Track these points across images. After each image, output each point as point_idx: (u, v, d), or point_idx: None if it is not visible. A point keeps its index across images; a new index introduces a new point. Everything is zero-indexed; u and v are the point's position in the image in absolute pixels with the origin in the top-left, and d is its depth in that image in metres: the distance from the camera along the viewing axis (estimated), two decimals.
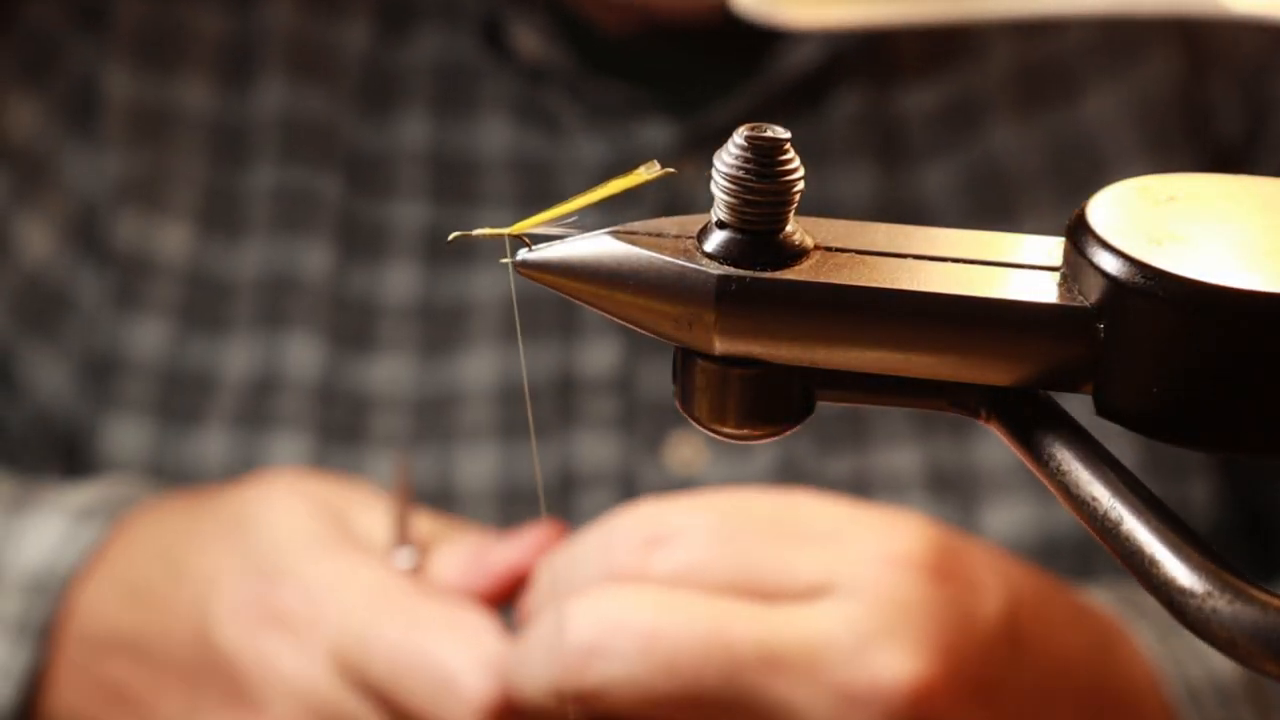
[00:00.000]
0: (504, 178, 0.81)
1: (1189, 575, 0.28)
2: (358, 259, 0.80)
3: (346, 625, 0.59)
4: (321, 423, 0.78)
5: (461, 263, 0.80)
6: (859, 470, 0.76)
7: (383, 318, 0.80)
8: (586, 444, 0.78)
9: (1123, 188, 0.31)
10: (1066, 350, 0.29)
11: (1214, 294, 0.28)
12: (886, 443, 0.76)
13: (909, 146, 0.80)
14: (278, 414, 0.78)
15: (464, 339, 0.79)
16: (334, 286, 0.79)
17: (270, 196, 0.81)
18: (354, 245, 0.80)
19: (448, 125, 0.82)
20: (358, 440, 0.78)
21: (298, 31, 0.82)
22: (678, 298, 0.30)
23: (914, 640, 0.55)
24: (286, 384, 0.78)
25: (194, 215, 0.81)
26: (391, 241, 0.81)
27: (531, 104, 0.81)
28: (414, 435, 0.78)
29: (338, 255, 0.80)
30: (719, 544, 0.57)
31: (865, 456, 0.76)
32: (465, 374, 0.79)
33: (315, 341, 0.79)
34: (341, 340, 0.79)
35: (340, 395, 0.78)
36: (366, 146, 0.82)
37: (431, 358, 0.79)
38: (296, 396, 0.78)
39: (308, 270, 0.80)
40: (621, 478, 0.77)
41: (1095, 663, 0.63)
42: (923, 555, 0.57)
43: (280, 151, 0.81)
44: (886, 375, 0.30)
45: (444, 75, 0.83)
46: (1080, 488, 0.29)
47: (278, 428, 0.78)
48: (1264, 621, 0.27)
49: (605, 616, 0.55)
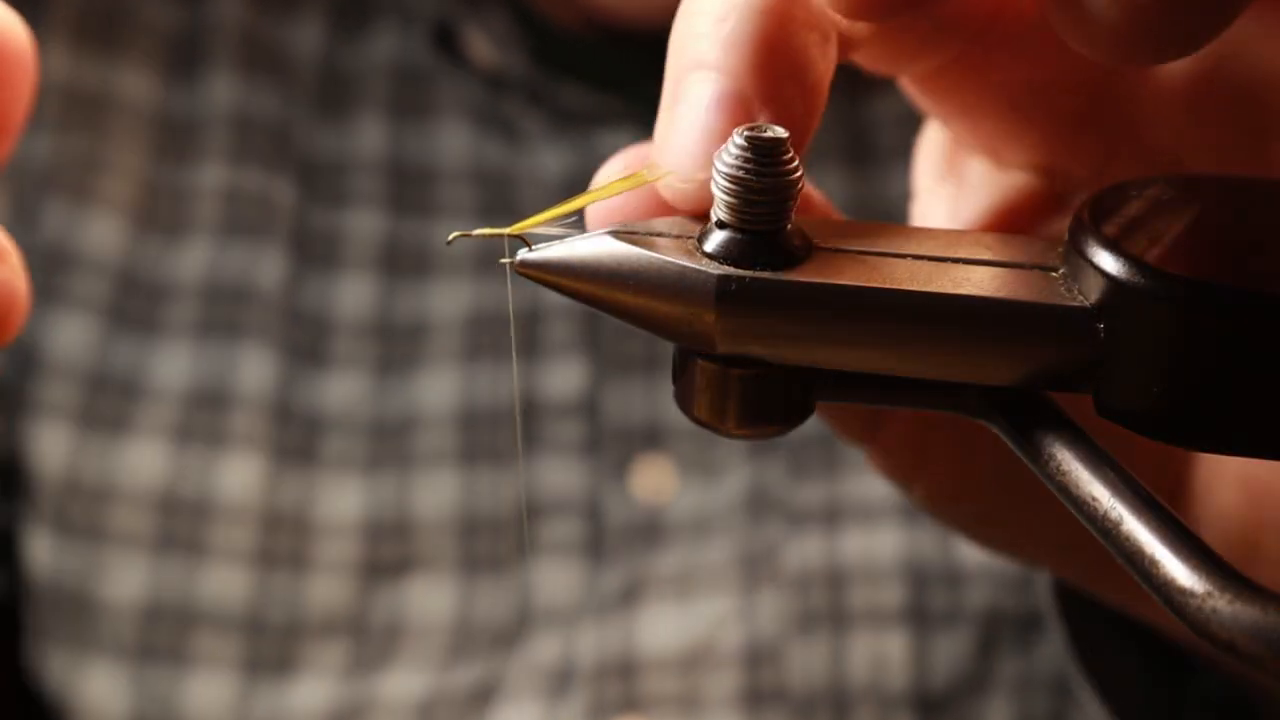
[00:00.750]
0: (463, 188, 0.79)
1: (1189, 575, 0.28)
2: (311, 269, 0.78)
3: None
4: (275, 443, 0.76)
5: (419, 278, 0.78)
6: (831, 498, 0.75)
7: (336, 333, 0.77)
8: (550, 469, 0.76)
9: (1123, 187, 0.31)
10: (1066, 350, 0.29)
11: (1214, 294, 0.28)
12: (860, 470, 0.76)
13: (878, 149, 0.80)
14: (227, 430, 0.75)
15: (422, 358, 0.77)
16: (287, 297, 0.77)
17: (219, 197, 0.78)
18: (308, 254, 0.78)
19: (405, 131, 0.80)
20: (310, 463, 0.76)
21: (249, 28, 0.80)
22: (678, 298, 0.30)
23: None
24: (237, 399, 0.76)
25: (129, 209, 0.78)
26: (346, 252, 0.78)
27: (490, 110, 0.79)
28: (369, 460, 0.76)
29: (291, 264, 0.77)
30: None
31: (838, 484, 0.76)
32: (423, 396, 0.77)
33: (268, 355, 0.76)
34: (296, 355, 0.77)
35: (293, 414, 0.76)
36: (320, 151, 0.79)
37: (388, 377, 0.77)
38: (248, 413, 0.75)
39: (261, 279, 0.77)
40: (585, 505, 0.76)
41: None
42: None
43: (231, 151, 0.78)
44: (886, 375, 0.30)
45: (400, 78, 0.81)
46: (1080, 488, 0.29)
47: (227, 445, 0.75)
48: (1264, 621, 0.27)
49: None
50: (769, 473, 0.76)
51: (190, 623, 0.75)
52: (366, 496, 0.76)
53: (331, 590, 0.75)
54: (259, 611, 0.75)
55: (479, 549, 0.75)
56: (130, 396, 0.76)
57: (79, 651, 0.76)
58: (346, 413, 0.77)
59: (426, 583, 0.75)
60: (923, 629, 0.73)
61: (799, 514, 0.75)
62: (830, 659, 0.72)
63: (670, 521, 0.76)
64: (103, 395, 0.76)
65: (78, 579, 0.76)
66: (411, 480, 0.76)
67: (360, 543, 0.75)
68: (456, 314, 0.78)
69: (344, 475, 0.76)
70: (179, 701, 0.74)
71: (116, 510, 0.75)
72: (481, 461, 0.77)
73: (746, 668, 0.73)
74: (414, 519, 0.76)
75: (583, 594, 0.75)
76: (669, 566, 0.75)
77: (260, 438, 0.76)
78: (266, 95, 0.80)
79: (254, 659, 0.74)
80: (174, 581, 0.75)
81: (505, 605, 0.75)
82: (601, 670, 0.73)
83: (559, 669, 0.74)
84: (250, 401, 0.76)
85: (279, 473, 0.75)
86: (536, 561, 0.76)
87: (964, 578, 0.73)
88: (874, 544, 0.74)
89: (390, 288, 0.79)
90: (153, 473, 0.75)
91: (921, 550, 0.73)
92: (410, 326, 0.78)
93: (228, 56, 0.80)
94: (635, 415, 0.77)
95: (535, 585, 0.75)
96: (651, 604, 0.74)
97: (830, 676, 0.72)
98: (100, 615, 0.75)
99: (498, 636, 0.75)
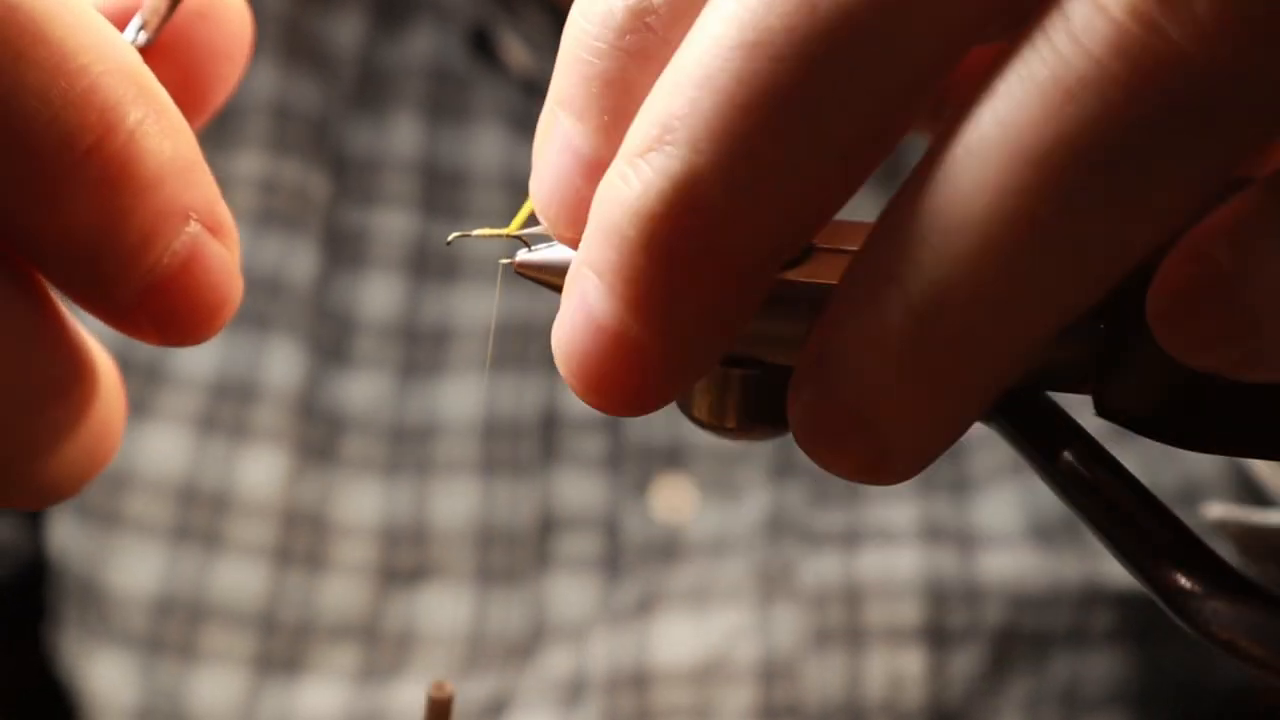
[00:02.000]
0: (495, 192, 0.79)
1: (1189, 575, 0.28)
2: (340, 266, 0.77)
3: None
4: (299, 439, 0.75)
5: (446, 281, 0.78)
6: (851, 523, 0.75)
7: (361, 332, 0.77)
8: (569, 483, 0.76)
9: None
10: (1066, 350, 0.29)
11: None
12: (881, 498, 0.75)
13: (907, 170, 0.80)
14: (252, 423, 0.75)
15: (445, 364, 0.77)
16: (317, 292, 0.77)
17: (256, 185, 0.78)
18: (337, 251, 0.78)
19: (439, 133, 0.80)
20: (331, 462, 0.76)
21: (291, 18, 0.80)
22: None
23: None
24: (263, 391, 0.75)
25: None
26: (374, 251, 0.78)
27: (526, 115, 0.79)
28: (388, 463, 0.76)
29: (322, 259, 0.77)
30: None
31: (858, 510, 0.75)
32: (445, 402, 0.77)
33: (296, 349, 0.76)
34: (321, 352, 0.77)
35: (317, 411, 0.76)
36: (355, 147, 0.79)
37: (410, 381, 0.77)
38: (274, 407, 0.75)
39: (293, 272, 0.77)
40: (604, 521, 0.76)
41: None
42: None
43: (269, 140, 0.78)
44: None
45: (436, 79, 0.80)
46: (1080, 488, 0.29)
47: (251, 438, 0.75)
48: (1264, 621, 0.27)
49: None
50: (789, 496, 0.76)
51: (202, 616, 0.75)
52: (384, 500, 0.76)
53: (346, 593, 0.75)
54: (272, 609, 0.75)
55: (495, 560, 0.75)
56: (154, 381, 0.76)
57: (88, 638, 0.76)
58: (368, 414, 0.77)
59: (442, 591, 0.75)
60: (939, 646, 0.72)
61: (818, 536, 0.75)
62: (846, 675, 0.72)
63: (688, 541, 0.76)
64: (126, 377, 0.77)
65: (90, 564, 0.76)
66: (430, 487, 0.76)
67: (377, 547, 0.75)
68: (481, 321, 0.78)
69: (363, 477, 0.76)
70: (186, 695, 0.74)
71: (134, 497, 0.75)
72: (501, 472, 0.77)
73: (761, 682, 0.72)
74: (431, 526, 0.76)
75: (598, 608, 0.75)
76: (685, 581, 0.75)
77: (284, 433, 0.76)
78: (305, 86, 0.80)
79: (264, 657, 0.74)
80: (188, 573, 0.75)
81: (520, 618, 0.75)
82: (615, 682, 0.73)
83: (572, 681, 0.73)
84: (276, 395, 0.76)
85: (301, 470, 0.75)
86: (553, 575, 0.76)
87: (981, 595, 0.73)
88: (892, 561, 0.73)
89: (417, 290, 0.79)
90: (173, 461, 0.75)
91: (940, 568, 0.73)
92: (435, 331, 0.78)
93: (269, 45, 0.80)
94: (657, 434, 0.77)
95: (551, 599, 0.75)
96: (666, 616, 0.74)
97: (845, 692, 0.72)
98: (111, 603, 0.75)
99: (512, 649, 0.74)
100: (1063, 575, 0.73)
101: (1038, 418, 0.30)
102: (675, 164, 0.24)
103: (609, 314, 0.25)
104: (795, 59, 0.24)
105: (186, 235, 0.28)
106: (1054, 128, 0.22)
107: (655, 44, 0.27)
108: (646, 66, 0.27)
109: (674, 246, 0.25)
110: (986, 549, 0.75)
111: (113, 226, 0.27)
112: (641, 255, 0.25)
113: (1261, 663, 0.27)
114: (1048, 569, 0.74)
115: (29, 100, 0.26)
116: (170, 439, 0.76)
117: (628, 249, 0.25)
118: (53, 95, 0.26)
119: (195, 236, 0.29)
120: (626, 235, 0.25)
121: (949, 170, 0.24)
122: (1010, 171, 0.23)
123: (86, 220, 0.27)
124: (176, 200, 0.28)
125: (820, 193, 0.25)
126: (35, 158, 0.26)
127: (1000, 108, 0.23)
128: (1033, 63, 0.23)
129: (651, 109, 0.25)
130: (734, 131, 0.24)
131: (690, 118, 0.24)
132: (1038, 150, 0.23)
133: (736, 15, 0.24)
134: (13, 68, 0.26)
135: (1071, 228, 0.23)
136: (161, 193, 0.28)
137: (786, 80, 0.24)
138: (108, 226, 0.27)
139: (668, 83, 0.25)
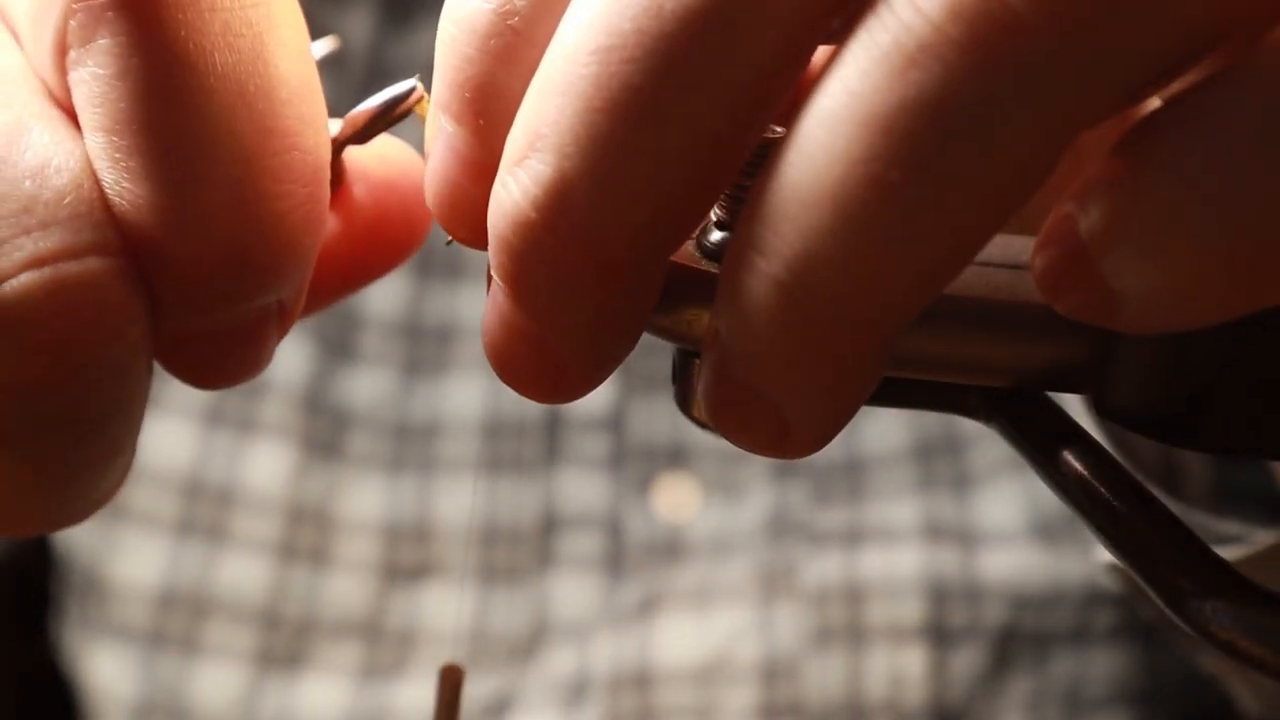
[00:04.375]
0: None
1: (1189, 575, 0.28)
2: None
3: None
4: (305, 434, 0.75)
5: (450, 279, 0.78)
6: (853, 522, 0.75)
7: (366, 329, 0.77)
8: (572, 483, 0.76)
9: None
10: (1066, 350, 0.29)
11: None
12: (883, 496, 0.75)
13: None
14: (259, 417, 0.75)
15: (449, 362, 0.77)
16: None
17: None
18: None
19: None
20: (336, 458, 0.76)
21: (305, 13, 0.81)
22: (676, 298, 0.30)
23: None
24: (271, 386, 0.75)
25: None
26: None
27: None
28: (392, 461, 0.76)
29: None
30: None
31: (860, 509, 0.75)
32: (449, 400, 0.77)
33: (304, 343, 0.76)
34: (327, 347, 0.77)
35: (323, 406, 0.76)
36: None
37: (414, 379, 0.77)
38: (281, 401, 0.75)
39: None
40: (607, 520, 0.76)
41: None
42: None
43: None
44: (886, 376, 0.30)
45: None
46: (1080, 488, 0.29)
47: (258, 432, 0.75)
48: (1264, 621, 0.27)
49: None
50: (791, 495, 0.76)
51: (205, 610, 0.75)
52: (388, 497, 0.76)
53: (349, 589, 0.75)
54: (275, 604, 0.75)
55: (497, 559, 0.75)
56: (161, 375, 0.76)
57: (90, 630, 0.76)
58: (372, 411, 0.77)
59: (444, 590, 0.75)
60: (941, 645, 0.72)
61: (820, 535, 0.75)
62: (847, 674, 0.72)
63: (690, 540, 0.76)
64: None
65: (94, 556, 0.76)
66: (433, 485, 0.76)
67: (380, 544, 0.75)
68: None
69: (367, 474, 0.76)
70: (188, 689, 0.74)
71: (139, 490, 0.75)
72: (504, 471, 0.77)
73: (763, 681, 0.72)
74: (434, 524, 0.76)
75: (600, 608, 0.75)
76: (687, 581, 0.75)
77: (291, 427, 0.76)
78: (321, 81, 0.80)
79: (266, 652, 0.74)
80: (192, 567, 0.75)
81: (522, 617, 0.75)
82: (617, 681, 0.73)
83: (574, 680, 0.73)
84: (282, 391, 0.76)
85: (306, 465, 0.76)
86: (555, 574, 0.76)
87: (983, 594, 0.73)
88: (894, 560, 0.73)
89: (421, 288, 0.79)
90: (179, 455, 0.75)
91: (941, 567, 0.73)
92: (439, 329, 0.78)
93: None
94: (660, 433, 0.77)
95: (553, 598, 0.75)
96: (668, 616, 0.74)
97: (847, 691, 0.72)
98: (114, 595, 0.75)
99: (514, 648, 0.75)
100: (1064, 574, 0.73)
101: (1038, 418, 0.30)
102: (546, 170, 0.26)
103: (513, 315, 0.28)
104: (646, 60, 0.25)
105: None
106: (899, 93, 0.23)
107: (521, 46, 0.28)
108: (515, 69, 0.28)
109: (553, 249, 0.26)
110: (988, 548, 0.74)
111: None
112: (526, 260, 0.27)
113: (1261, 663, 0.27)
114: (1049, 568, 0.74)
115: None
116: (176, 432, 0.76)
117: (514, 255, 0.27)
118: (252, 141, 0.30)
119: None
120: (511, 242, 0.27)
121: (803, 142, 0.24)
122: (860, 140, 0.23)
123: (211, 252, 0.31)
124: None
125: (688, 187, 0.26)
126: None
127: (848, 76, 0.24)
128: (876, 31, 0.23)
129: (524, 118, 0.26)
130: (597, 135, 0.25)
131: (557, 125, 0.25)
132: (885, 116, 0.23)
133: (590, 21, 0.25)
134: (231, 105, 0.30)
135: (924, 191, 0.23)
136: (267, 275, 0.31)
137: (640, 81, 0.25)
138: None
139: (536, 90, 0.26)
